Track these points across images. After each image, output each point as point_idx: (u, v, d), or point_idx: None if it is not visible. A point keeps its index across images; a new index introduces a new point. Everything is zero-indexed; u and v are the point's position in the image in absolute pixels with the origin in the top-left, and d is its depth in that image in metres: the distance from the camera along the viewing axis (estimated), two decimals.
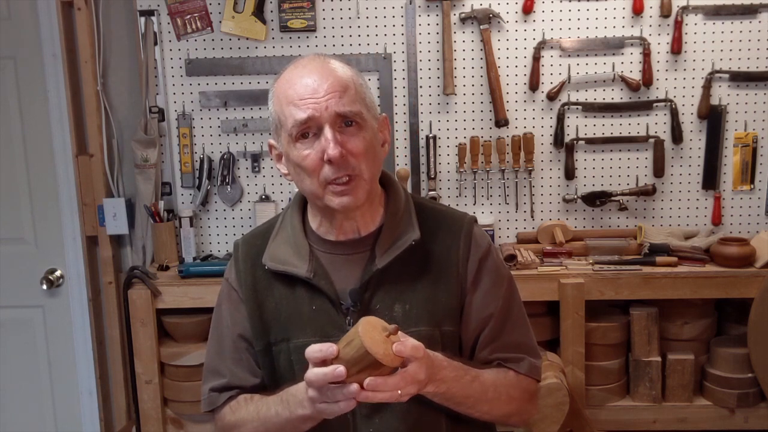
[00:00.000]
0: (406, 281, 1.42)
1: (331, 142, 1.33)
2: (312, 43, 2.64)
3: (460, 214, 1.51)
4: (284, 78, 1.41)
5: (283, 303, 1.44)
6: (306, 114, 1.34)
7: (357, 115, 1.36)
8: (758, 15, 2.57)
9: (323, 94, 1.34)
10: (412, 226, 1.43)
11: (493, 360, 1.45)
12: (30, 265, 2.76)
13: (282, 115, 1.38)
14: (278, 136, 1.42)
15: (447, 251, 1.44)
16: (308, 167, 1.36)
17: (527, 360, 1.46)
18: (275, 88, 1.42)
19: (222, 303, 1.54)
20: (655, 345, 2.48)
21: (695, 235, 2.62)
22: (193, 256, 2.69)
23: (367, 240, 1.44)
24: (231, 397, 1.50)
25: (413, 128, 2.67)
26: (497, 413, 1.44)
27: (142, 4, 2.62)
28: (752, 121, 2.63)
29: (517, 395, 1.45)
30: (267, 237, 1.49)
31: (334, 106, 1.34)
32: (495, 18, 2.59)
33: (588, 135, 2.66)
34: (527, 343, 1.49)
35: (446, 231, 1.46)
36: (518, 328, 1.48)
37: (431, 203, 1.56)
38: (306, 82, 1.36)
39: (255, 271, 1.48)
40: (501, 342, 1.45)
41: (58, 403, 2.87)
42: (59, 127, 2.68)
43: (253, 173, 2.71)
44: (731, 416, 2.49)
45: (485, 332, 1.45)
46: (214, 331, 1.55)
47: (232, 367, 1.49)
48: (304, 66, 1.40)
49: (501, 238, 2.72)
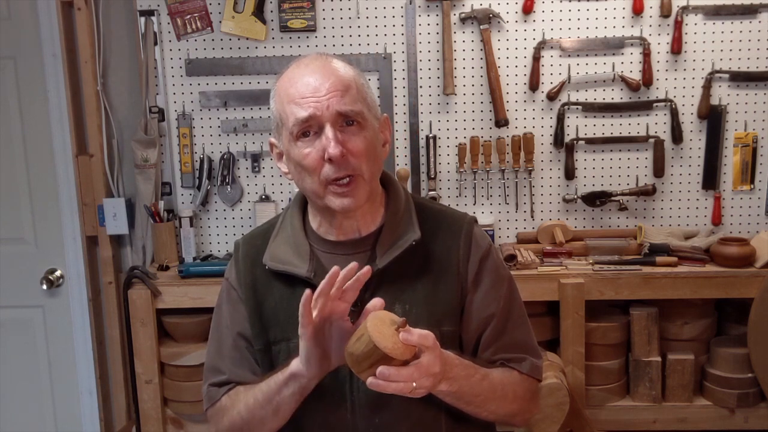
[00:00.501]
0: (406, 281, 1.42)
1: (332, 141, 1.33)
2: (312, 43, 2.64)
3: (461, 214, 1.51)
4: (286, 76, 1.41)
5: (283, 303, 1.44)
6: (307, 112, 1.34)
7: (358, 115, 1.36)
8: (758, 15, 2.57)
9: (325, 93, 1.34)
10: (412, 226, 1.43)
11: (496, 360, 1.46)
12: (30, 265, 2.76)
13: (283, 113, 1.39)
14: (279, 135, 1.43)
15: (447, 251, 1.45)
16: (309, 166, 1.36)
17: (529, 360, 1.47)
18: (277, 87, 1.42)
19: (222, 303, 1.54)
20: (655, 345, 2.48)
21: (695, 235, 2.62)
22: (193, 256, 2.69)
23: (368, 240, 1.45)
24: (229, 388, 1.49)
25: (413, 128, 2.67)
26: (502, 412, 1.44)
27: (142, 4, 2.62)
28: (752, 121, 2.63)
29: (521, 394, 1.45)
30: (267, 237, 1.49)
31: (335, 105, 1.34)
32: (495, 18, 2.59)
33: (588, 135, 2.66)
34: (528, 342, 1.50)
35: (446, 231, 1.46)
36: (519, 327, 1.49)
37: (431, 203, 1.57)
38: (308, 80, 1.36)
39: (255, 271, 1.48)
40: (503, 342, 1.46)
41: (58, 403, 2.87)
42: (59, 127, 2.68)
43: (253, 173, 2.71)
44: (731, 416, 2.49)
45: (487, 332, 1.45)
46: (214, 331, 1.55)
47: (231, 366, 1.49)
48: (307, 65, 1.40)
49: (501, 238, 2.72)
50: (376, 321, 1.21)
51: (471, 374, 1.35)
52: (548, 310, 2.51)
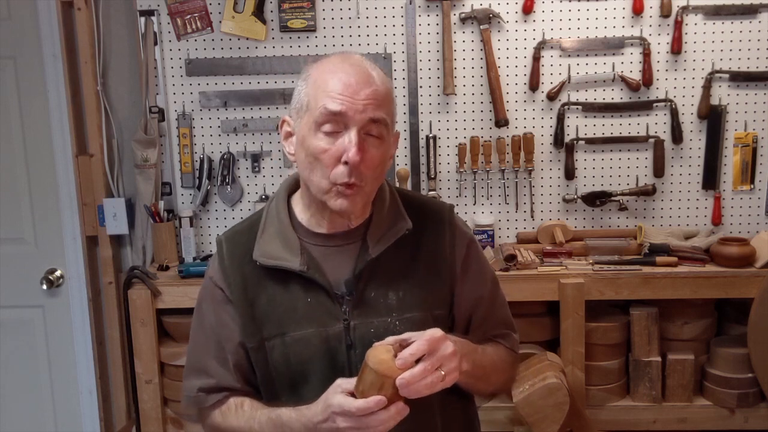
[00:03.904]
0: (398, 269, 1.45)
1: (355, 147, 1.33)
2: (312, 43, 2.64)
3: (440, 202, 1.58)
4: (327, 64, 1.40)
5: (276, 298, 1.44)
6: (339, 107, 1.34)
7: (383, 129, 1.38)
8: (758, 15, 2.57)
9: (363, 98, 1.34)
10: (402, 216, 1.47)
11: (486, 337, 1.54)
12: (30, 265, 2.76)
13: (313, 99, 1.37)
14: (299, 117, 1.41)
15: (435, 239, 1.49)
16: (324, 161, 1.36)
17: (511, 335, 1.59)
18: (314, 71, 1.40)
19: (203, 301, 1.53)
20: (655, 345, 2.48)
21: (695, 235, 2.62)
22: (193, 256, 2.69)
23: (357, 231, 1.46)
24: (220, 401, 1.50)
25: (413, 128, 2.67)
26: (499, 383, 1.56)
27: (142, 4, 2.62)
28: (752, 121, 2.63)
29: (510, 365, 1.58)
30: (254, 233, 1.48)
31: (370, 112, 1.35)
32: (495, 18, 2.59)
33: (588, 135, 2.66)
34: (510, 319, 1.62)
35: (431, 219, 1.51)
36: (502, 306, 1.60)
37: (411, 193, 1.63)
38: (351, 80, 1.35)
39: (243, 269, 1.47)
40: (492, 321, 1.56)
41: (58, 403, 2.87)
42: (59, 127, 2.69)
43: (253, 173, 2.71)
44: (731, 416, 2.49)
45: (478, 313, 1.53)
46: (196, 330, 1.54)
47: (219, 367, 1.49)
48: (352, 64, 1.39)
49: (501, 238, 2.72)
50: (372, 354, 1.24)
51: (475, 349, 1.43)
52: (548, 310, 2.51)
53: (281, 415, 1.38)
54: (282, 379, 1.44)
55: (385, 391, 1.21)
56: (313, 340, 1.41)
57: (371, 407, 1.22)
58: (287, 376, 1.44)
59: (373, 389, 1.22)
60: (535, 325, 2.49)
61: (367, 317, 1.41)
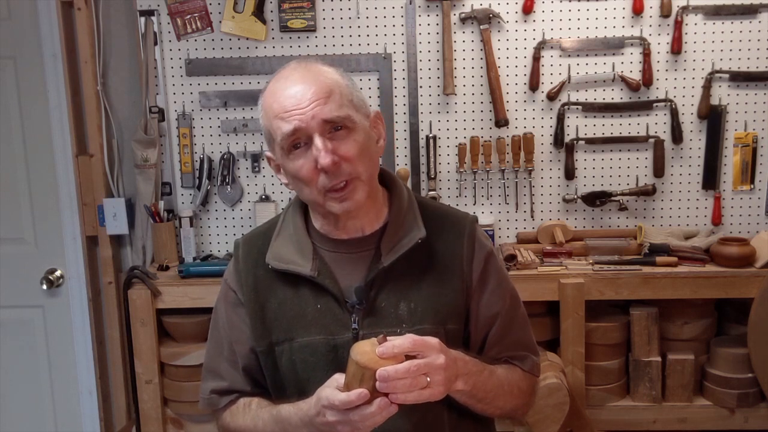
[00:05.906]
0: (411, 279, 1.42)
1: (322, 151, 1.32)
2: (312, 43, 2.64)
3: (462, 213, 1.52)
4: (269, 91, 1.40)
5: (286, 302, 1.44)
6: (292, 125, 1.33)
7: (345, 119, 1.35)
8: (758, 15, 2.57)
9: (308, 104, 1.33)
10: (417, 225, 1.44)
11: (501, 358, 1.49)
12: (30, 265, 2.76)
13: (271, 128, 1.38)
14: (273, 149, 1.43)
15: (451, 250, 1.45)
16: (305, 177, 1.36)
17: (530, 357, 1.51)
18: (262, 102, 1.41)
19: (219, 302, 1.54)
20: (655, 345, 2.48)
21: (695, 235, 2.62)
22: (193, 256, 2.69)
23: (371, 238, 1.45)
24: (231, 401, 1.51)
25: (413, 128, 2.67)
26: (508, 407, 1.48)
27: (142, 4, 2.62)
28: (752, 121, 2.63)
29: (524, 390, 1.50)
30: (269, 236, 1.49)
31: (320, 114, 1.33)
32: (495, 18, 2.59)
33: (588, 135, 2.66)
34: (530, 341, 1.54)
35: (450, 230, 1.47)
36: (522, 326, 1.53)
37: (433, 202, 1.58)
38: (289, 93, 1.35)
39: (257, 272, 1.47)
40: (509, 340, 1.49)
41: (58, 403, 2.87)
42: (59, 127, 2.69)
43: (253, 173, 2.71)
44: (731, 416, 2.49)
45: (493, 331, 1.48)
46: (213, 330, 1.55)
47: (230, 370, 1.50)
48: (287, 77, 1.39)
49: (501, 238, 2.72)
50: (356, 350, 1.23)
51: (481, 370, 1.38)
52: (548, 310, 2.51)
53: (281, 411, 1.39)
54: (290, 384, 1.44)
55: (366, 383, 1.20)
56: (320, 348, 1.41)
57: (353, 401, 1.19)
58: (295, 382, 1.43)
59: (355, 381, 1.20)
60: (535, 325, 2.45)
61: (377, 327, 1.39)
